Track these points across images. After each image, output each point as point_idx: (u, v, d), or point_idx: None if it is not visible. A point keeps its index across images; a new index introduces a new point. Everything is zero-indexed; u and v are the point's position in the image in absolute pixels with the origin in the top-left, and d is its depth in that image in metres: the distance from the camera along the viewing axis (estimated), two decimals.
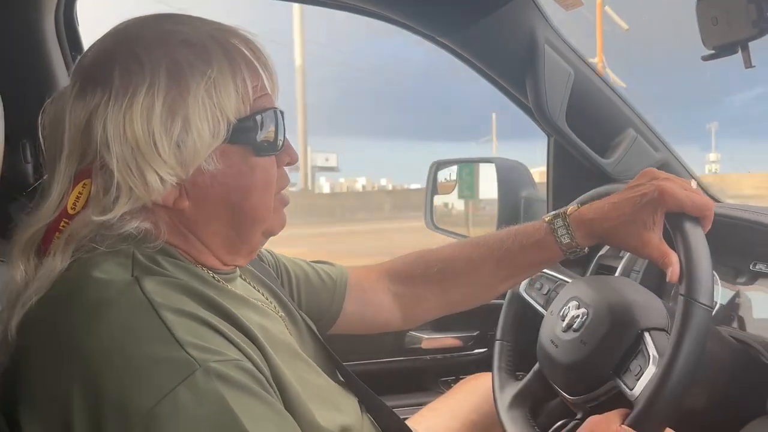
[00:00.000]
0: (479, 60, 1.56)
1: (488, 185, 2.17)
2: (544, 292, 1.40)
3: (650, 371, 0.92)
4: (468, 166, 2.38)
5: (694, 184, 1.02)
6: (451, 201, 2.39)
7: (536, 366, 1.23)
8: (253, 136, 0.81)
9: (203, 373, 0.65)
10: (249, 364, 0.71)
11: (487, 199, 2.21)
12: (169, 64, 0.75)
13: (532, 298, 1.43)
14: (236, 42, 0.81)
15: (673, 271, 0.93)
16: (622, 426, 0.89)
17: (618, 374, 0.98)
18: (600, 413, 0.95)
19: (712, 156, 43.35)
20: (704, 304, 0.88)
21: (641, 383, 0.92)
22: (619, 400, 0.96)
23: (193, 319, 0.70)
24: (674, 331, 0.89)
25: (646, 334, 0.99)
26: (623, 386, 0.96)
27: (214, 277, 0.83)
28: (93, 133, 0.74)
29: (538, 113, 1.54)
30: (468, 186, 2.37)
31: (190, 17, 0.83)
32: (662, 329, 1.00)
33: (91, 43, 0.83)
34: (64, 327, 0.70)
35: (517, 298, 1.54)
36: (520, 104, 1.66)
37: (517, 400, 1.26)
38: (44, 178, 0.79)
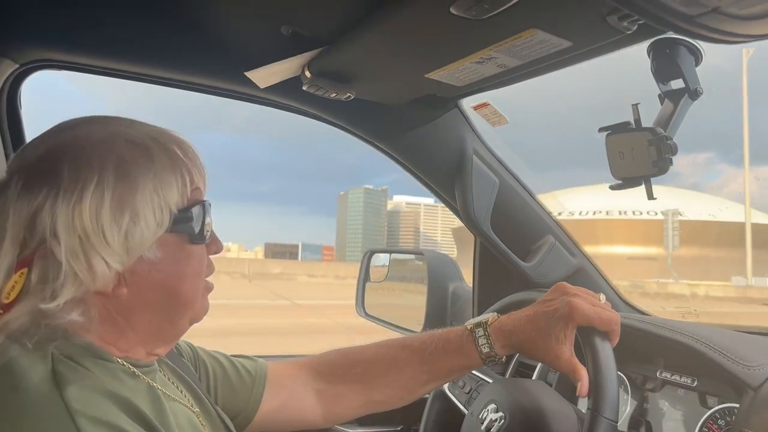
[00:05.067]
0: (412, 165, 1.66)
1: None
2: (466, 391, 1.45)
3: None
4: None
5: (602, 297, 1.09)
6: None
7: None
8: (190, 225, 0.86)
9: None
10: None
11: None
12: (116, 162, 0.80)
13: (455, 396, 1.47)
14: (171, 142, 0.88)
15: (582, 386, 0.99)
16: None
17: None
18: None
19: None
20: (609, 419, 0.95)
21: None
22: None
23: (108, 428, 0.71)
24: None
25: None
26: None
27: (134, 372, 0.84)
28: (38, 225, 0.76)
29: (466, 218, 1.63)
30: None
31: (130, 120, 0.89)
32: None
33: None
34: None
35: (441, 396, 1.58)
36: (449, 206, 1.75)
37: None
38: None
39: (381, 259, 2.42)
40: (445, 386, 1.56)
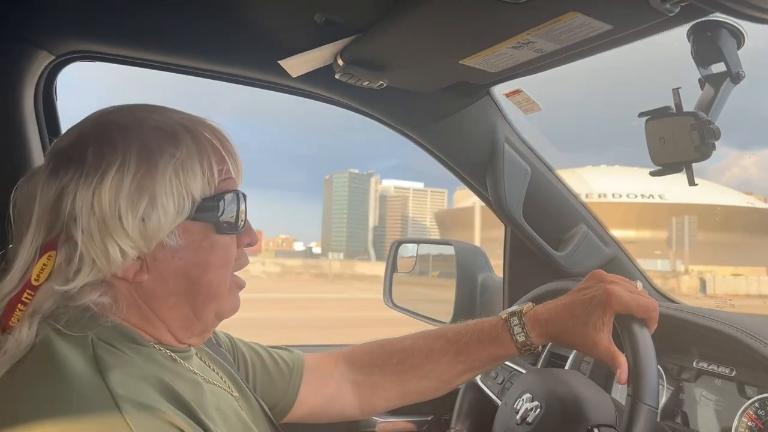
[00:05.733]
0: (443, 154, 1.65)
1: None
2: (499, 382, 1.45)
3: None
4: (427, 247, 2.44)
5: (639, 285, 1.09)
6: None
7: None
8: (215, 215, 0.86)
9: None
10: None
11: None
12: (140, 147, 0.81)
13: (487, 386, 1.47)
14: (204, 130, 0.88)
15: (622, 373, 0.99)
16: None
17: None
18: None
19: None
20: (650, 405, 0.95)
21: None
22: None
23: (150, 412, 0.72)
24: (622, 431, 0.94)
25: (595, 431, 1.03)
26: None
27: (171, 356, 0.86)
28: (62, 207, 0.78)
29: (497, 206, 1.62)
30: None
31: (162, 107, 0.90)
32: (611, 426, 1.05)
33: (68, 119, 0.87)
34: (25, 411, 0.70)
35: (473, 387, 1.57)
36: (480, 195, 1.74)
37: None
38: (8, 248, 0.82)
39: (409, 250, 2.42)
40: (477, 377, 1.56)
